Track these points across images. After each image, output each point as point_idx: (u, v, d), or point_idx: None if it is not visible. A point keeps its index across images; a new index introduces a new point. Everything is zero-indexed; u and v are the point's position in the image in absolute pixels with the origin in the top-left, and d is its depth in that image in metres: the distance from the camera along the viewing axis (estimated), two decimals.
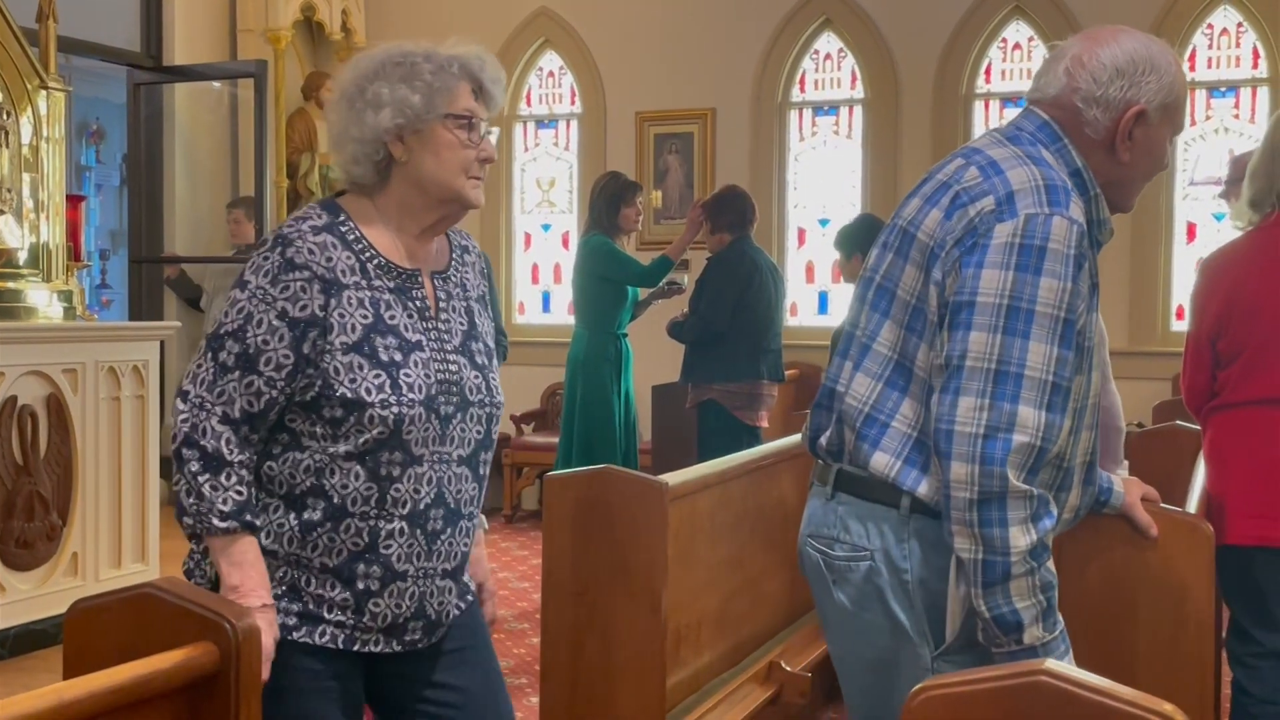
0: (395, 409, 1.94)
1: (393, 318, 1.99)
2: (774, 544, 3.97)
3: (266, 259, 1.95)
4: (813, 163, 7.74)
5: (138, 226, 7.61)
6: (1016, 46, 7.37)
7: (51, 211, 5.13)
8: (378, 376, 1.94)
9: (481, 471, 2.09)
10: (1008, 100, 7.38)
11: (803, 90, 7.74)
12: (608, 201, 5.50)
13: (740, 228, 5.49)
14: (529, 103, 8.30)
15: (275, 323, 1.92)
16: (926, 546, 1.88)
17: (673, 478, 3.16)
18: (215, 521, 1.90)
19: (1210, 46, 7.01)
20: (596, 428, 5.53)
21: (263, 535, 1.96)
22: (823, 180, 7.72)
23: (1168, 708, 1.33)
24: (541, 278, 8.29)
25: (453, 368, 2.03)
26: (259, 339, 1.92)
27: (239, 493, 1.91)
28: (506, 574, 6.39)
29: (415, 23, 8.20)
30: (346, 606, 1.97)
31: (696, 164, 7.79)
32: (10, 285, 4.85)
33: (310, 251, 1.95)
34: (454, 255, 2.15)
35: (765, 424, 5.45)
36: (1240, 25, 6.95)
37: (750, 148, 7.67)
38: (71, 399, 4.66)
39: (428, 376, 1.99)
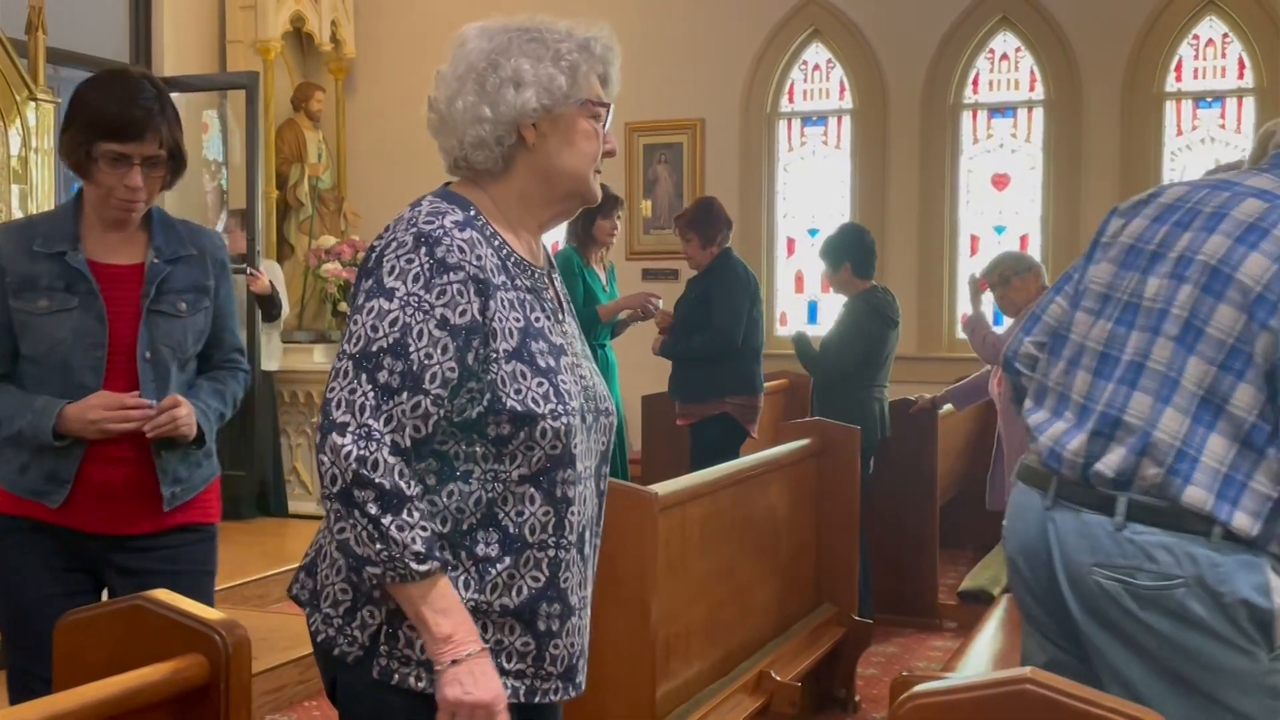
0: (564, 419, 1.74)
1: (538, 320, 1.79)
2: (764, 553, 3.97)
3: (411, 261, 1.70)
4: (801, 173, 7.77)
5: None
6: (1004, 57, 7.40)
7: None
8: (541, 385, 1.74)
9: (602, 486, 1.91)
10: (995, 110, 7.41)
11: (791, 100, 7.77)
12: (584, 213, 5.43)
13: (728, 238, 5.47)
14: None
15: (436, 333, 1.68)
16: (1240, 569, 1.94)
17: (662, 488, 3.16)
18: (414, 565, 1.64)
19: (1196, 57, 7.05)
20: None
21: None
22: (811, 190, 7.74)
23: (1151, 716, 1.34)
24: None
25: (584, 373, 1.85)
26: (422, 353, 1.67)
27: (424, 529, 1.65)
28: None
29: (405, 34, 8.22)
30: (527, 653, 1.75)
31: (686, 174, 7.81)
32: None
33: (460, 250, 1.72)
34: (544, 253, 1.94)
35: (756, 434, 5.43)
36: (1226, 36, 6.99)
37: (739, 158, 7.69)
38: None
39: (576, 383, 1.80)
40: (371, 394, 1.66)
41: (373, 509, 1.63)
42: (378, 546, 1.63)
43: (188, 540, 2.65)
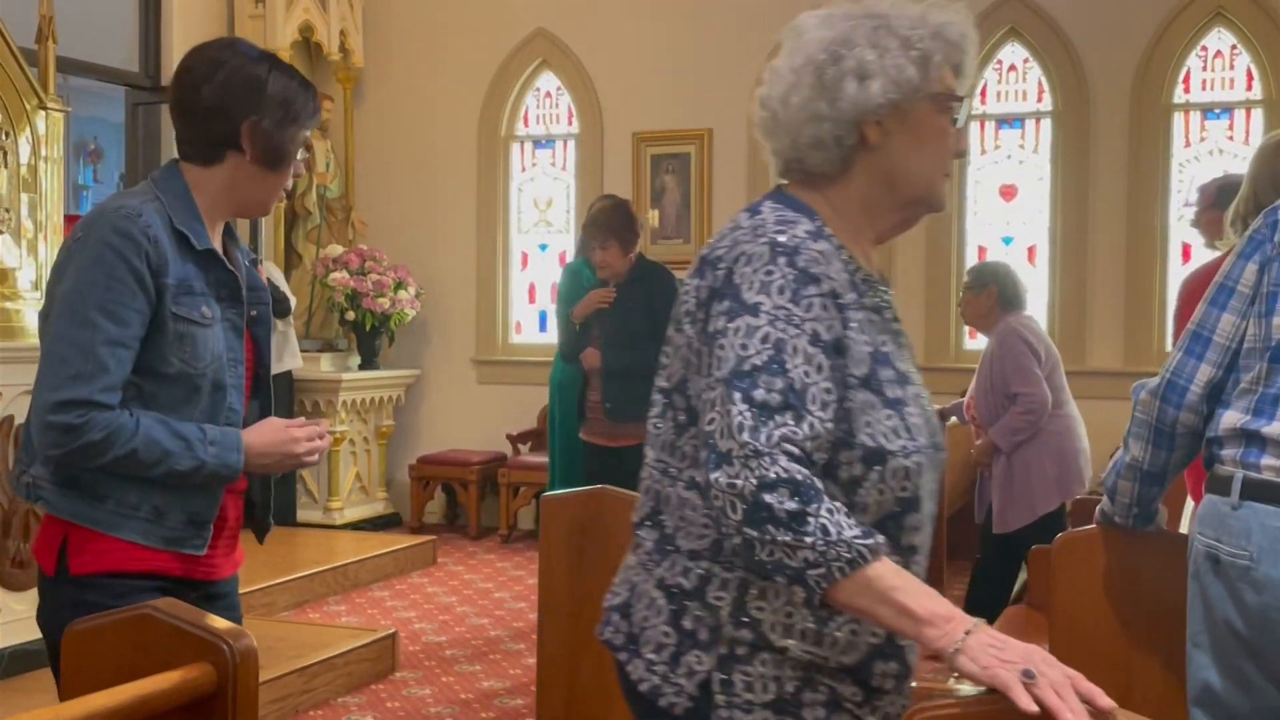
0: (915, 457, 1.56)
1: (884, 344, 1.61)
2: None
3: (771, 273, 1.52)
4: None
5: None
6: (1012, 68, 7.40)
7: (50, 231, 5.14)
8: (889, 418, 1.56)
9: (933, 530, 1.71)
10: (1003, 121, 7.42)
11: None
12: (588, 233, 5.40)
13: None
14: (526, 123, 8.33)
15: (810, 349, 1.49)
16: None
17: None
18: (861, 544, 1.42)
19: (1204, 68, 7.05)
20: (575, 451, 5.47)
21: (770, 629, 1.55)
22: None
23: None
24: (538, 297, 8.31)
25: (926, 404, 1.66)
26: (799, 372, 1.48)
27: (847, 513, 1.45)
28: (502, 594, 6.39)
29: (414, 43, 8.25)
30: (857, 701, 1.59)
31: (693, 184, 7.81)
32: (8, 305, 4.86)
33: (817, 261, 1.54)
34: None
35: None
36: (1234, 47, 6.99)
37: (747, 168, 7.69)
38: None
39: (921, 416, 1.61)
40: (749, 413, 1.46)
41: (791, 505, 1.41)
42: (810, 540, 1.41)
43: (235, 583, 2.37)
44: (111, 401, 2.00)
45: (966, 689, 1.53)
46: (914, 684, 1.66)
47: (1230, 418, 2.13)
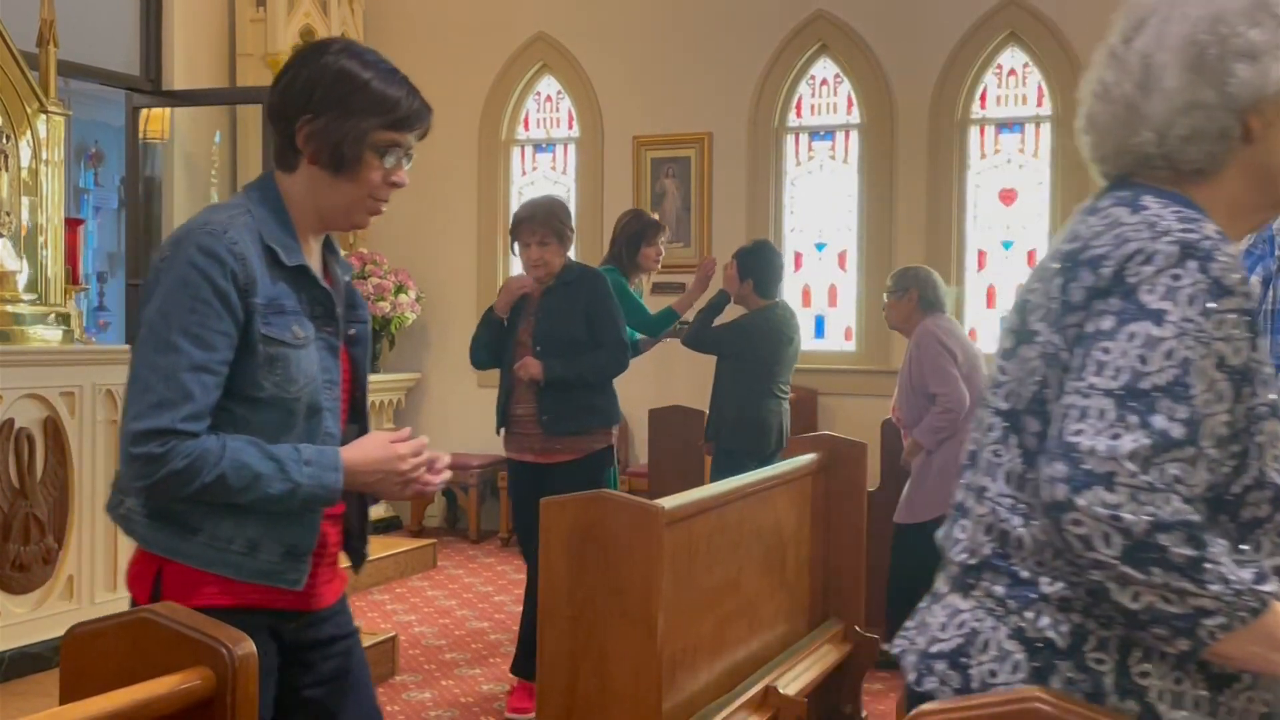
0: None
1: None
2: (771, 568, 3.97)
3: (1178, 278, 1.35)
4: (809, 187, 7.78)
5: (135, 249, 7.63)
6: (1012, 72, 7.41)
7: (50, 234, 5.14)
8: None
9: None
10: (1003, 126, 7.42)
11: (799, 115, 7.78)
12: (629, 240, 5.38)
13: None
14: (527, 127, 8.34)
15: (1215, 374, 1.34)
16: None
17: (669, 501, 3.16)
18: (1264, 589, 1.31)
19: None
20: None
21: (1158, 698, 1.40)
22: (819, 205, 7.75)
23: None
24: None
25: None
26: (1201, 400, 1.33)
27: (1235, 556, 1.35)
28: (502, 598, 6.38)
29: (415, 48, 8.25)
30: None
31: (693, 188, 7.81)
32: (8, 308, 4.86)
33: (1231, 270, 1.37)
34: None
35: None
36: None
37: (747, 172, 7.70)
38: (69, 422, 4.66)
39: None
40: (1146, 442, 1.30)
41: (1187, 551, 1.28)
42: (1212, 589, 1.28)
43: (346, 608, 2.21)
44: (196, 429, 1.87)
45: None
46: None
47: None
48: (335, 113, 1.98)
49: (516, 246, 4.63)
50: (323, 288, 2.03)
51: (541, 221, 4.54)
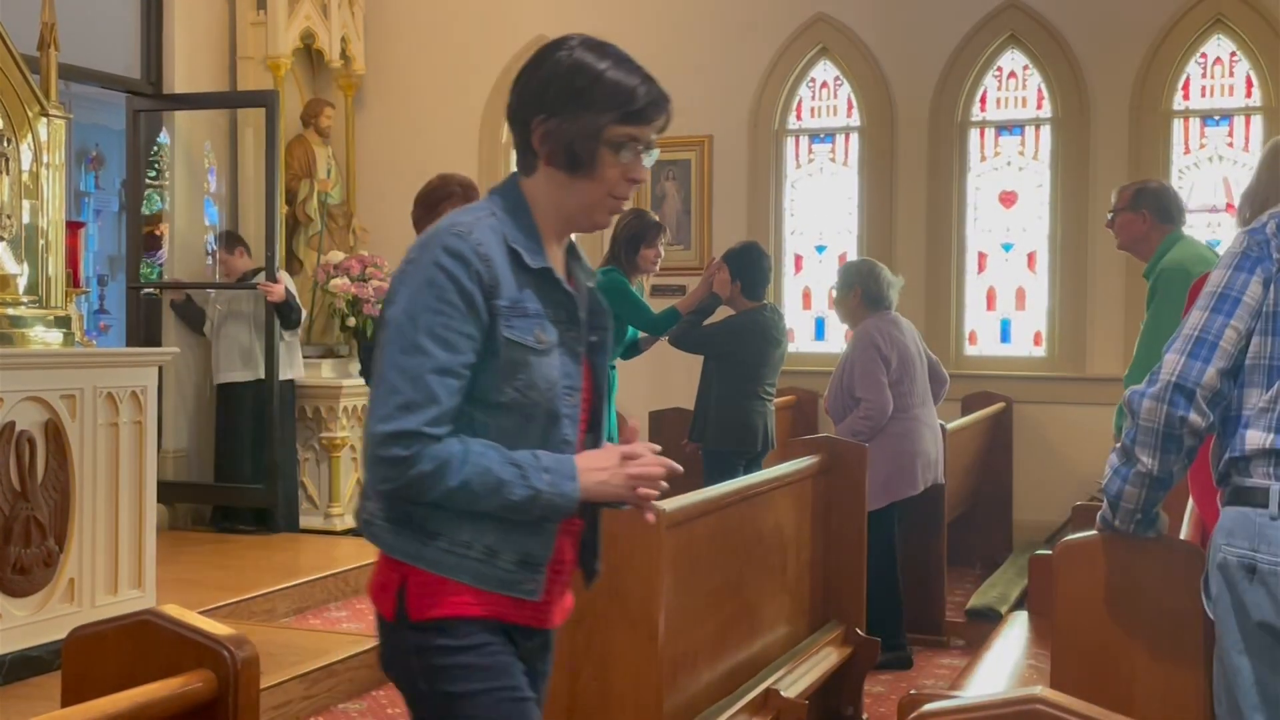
0: None
1: None
2: (771, 570, 3.97)
3: None
4: (809, 190, 7.78)
5: (136, 252, 7.63)
6: (1012, 75, 7.41)
7: (51, 238, 5.14)
8: None
9: None
10: (1003, 128, 7.42)
11: (799, 118, 7.78)
12: (629, 240, 5.39)
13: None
14: None
15: None
16: None
17: (669, 504, 3.16)
18: None
19: (1204, 75, 7.06)
20: None
21: None
22: (819, 207, 7.75)
23: None
24: None
25: None
26: None
27: None
28: None
29: (416, 50, 8.26)
30: None
31: (693, 191, 7.81)
32: (9, 311, 4.86)
33: None
34: None
35: None
36: (1234, 54, 7.00)
37: (747, 175, 7.70)
38: (70, 425, 4.66)
39: None
40: None
41: None
42: None
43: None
44: (440, 433, 1.85)
45: (967, 694, 1.53)
46: (913, 691, 1.65)
47: (1255, 437, 2.18)
48: (568, 111, 1.92)
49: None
50: (566, 291, 1.98)
51: (467, 199, 4.10)
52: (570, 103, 1.92)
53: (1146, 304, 4.60)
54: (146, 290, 7.64)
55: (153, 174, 7.88)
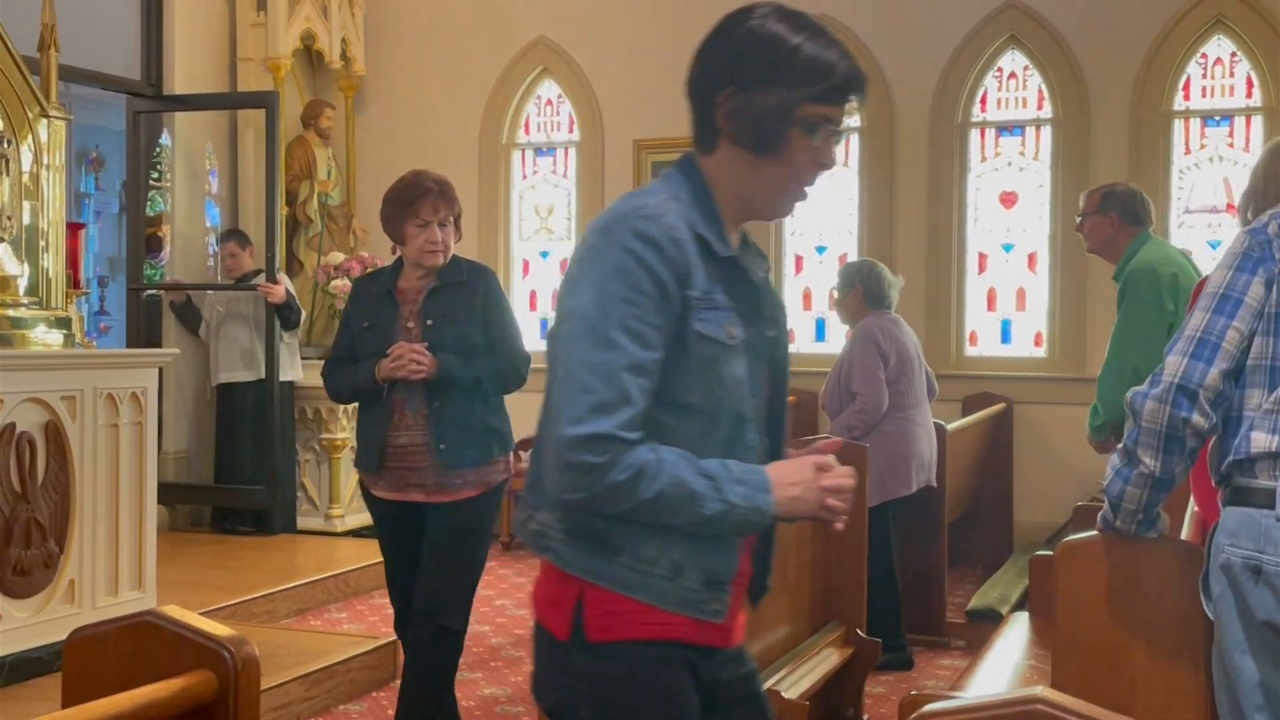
0: None
1: None
2: (774, 570, 3.96)
3: None
4: (810, 190, 7.76)
5: (136, 254, 7.63)
6: (1012, 75, 7.41)
7: (51, 239, 5.14)
8: None
9: None
10: (1003, 129, 7.43)
11: None
12: None
13: None
14: (527, 130, 8.34)
15: None
16: None
17: None
18: None
19: (1204, 76, 7.06)
20: None
21: None
22: (820, 208, 7.75)
23: None
24: (540, 305, 8.31)
25: None
26: None
27: None
28: (504, 601, 6.38)
29: (416, 51, 8.26)
30: None
31: None
32: (9, 312, 4.86)
33: None
34: None
35: None
36: (1234, 55, 7.00)
37: None
38: (70, 426, 4.66)
39: None
40: None
41: None
42: None
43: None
44: (635, 438, 1.67)
45: (967, 694, 1.52)
46: (914, 692, 1.65)
47: (1259, 439, 2.19)
48: (760, 85, 1.76)
49: (403, 226, 3.76)
50: (753, 282, 1.83)
51: (438, 195, 3.77)
52: (763, 76, 1.76)
53: (1117, 306, 4.65)
54: (147, 291, 7.64)
55: (155, 175, 7.88)
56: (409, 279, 3.82)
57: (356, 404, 3.97)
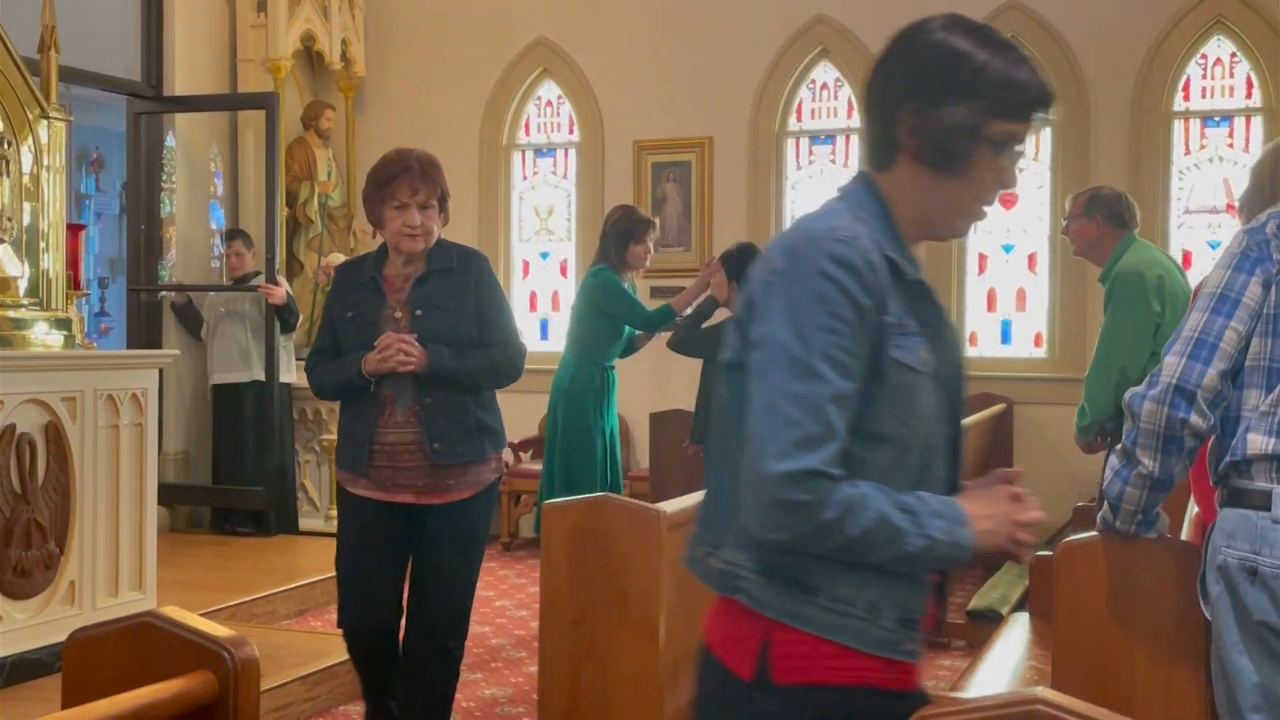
0: None
1: None
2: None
3: None
4: (810, 191, 7.77)
5: (136, 255, 7.63)
6: None
7: (52, 240, 5.14)
8: None
9: None
10: None
11: (800, 119, 7.78)
12: (618, 237, 5.40)
13: None
14: (527, 131, 8.34)
15: None
16: None
17: (669, 506, 3.16)
18: None
19: (1204, 76, 7.06)
20: (577, 457, 5.44)
21: None
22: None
23: None
24: (540, 305, 8.31)
25: None
26: None
27: None
28: (504, 602, 6.38)
29: (416, 52, 8.26)
30: None
31: (694, 192, 7.81)
32: (10, 314, 4.86)
33: None
34: None
35: None
36: (1234, 55, 7.00)
37: (747, 176, 7.70)
38: (70, 427, 4.67)
39: None
40: None
41: None
42: None
43: None
44: (841, 474, 1.58)
45: (968, 695, 1.52)
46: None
47: (1256, 441, 2.19)
48: (946, 101, 1.69)
49: (381, 208, 3.59)
50: (936, 304, 1.77)
51: (422, 177, 3.59)
52: (950, 92, 1.69)
53: (1104, 308, 4.67)
54: (147, 292, 7.64)
55: (163, 177, 7.88)
56: (394, 266, 3.65)
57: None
